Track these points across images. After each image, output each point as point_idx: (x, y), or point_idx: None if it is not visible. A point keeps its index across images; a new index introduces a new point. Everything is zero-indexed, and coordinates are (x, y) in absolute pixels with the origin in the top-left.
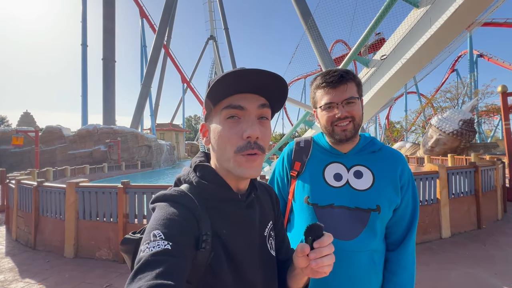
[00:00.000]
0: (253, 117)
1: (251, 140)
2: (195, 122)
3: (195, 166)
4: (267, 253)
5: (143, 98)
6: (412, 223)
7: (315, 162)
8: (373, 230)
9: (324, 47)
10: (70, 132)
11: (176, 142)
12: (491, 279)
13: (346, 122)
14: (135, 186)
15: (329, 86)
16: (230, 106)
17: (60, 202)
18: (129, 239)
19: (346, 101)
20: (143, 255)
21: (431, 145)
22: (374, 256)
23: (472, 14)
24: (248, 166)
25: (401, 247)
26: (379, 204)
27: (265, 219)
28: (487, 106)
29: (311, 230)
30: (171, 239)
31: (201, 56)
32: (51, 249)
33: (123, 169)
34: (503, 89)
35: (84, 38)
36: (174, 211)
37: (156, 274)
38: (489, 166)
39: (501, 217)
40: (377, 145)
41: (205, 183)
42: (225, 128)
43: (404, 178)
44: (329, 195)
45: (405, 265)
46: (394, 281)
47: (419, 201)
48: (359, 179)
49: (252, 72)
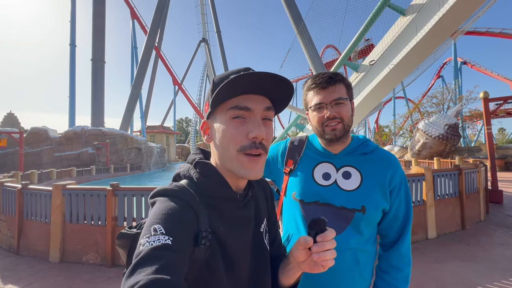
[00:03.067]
0: (259, 118)
1: (257, 141)
2: (186, 125)
3: (195, 163)
4: (263, 249)
5: (134, 100)
6: (406, 225)
7: (306, 160)
8: (357, 229)
9: (315, 51)
10: (57, 134)
11: (167, 145)
12: (475, 278)
13: (335, 122)
14: (124, 188)
15: (318, 87)
16: (237, 107)
17: (45, 205)
18: (125, 234)
19: (335, 102)
20: (143, 249)
21: (418, 149)
22: (359, 255)
23: (455, 23)
24: (252, 167)
25: (394, 248)
26: (364, 205)
27: (261, 215)
28: (471, 112)
29: (315, 224)
30: (171, 234)
31: (193, 59)
32: (35, 254)
33: (112, 172)
34: (485, 95)
35: (72, 38)
36: (175, 206)
37: (156, 268)
38: (472, 169)
39: (484, 218)
40: (370, 146)
41: (205, 180)
42: (230, 127)
43: (395, 181)
44: (316, 192)
45: (398, 265)
46: (386, 279)
47: (412, 203)
48: (347, 179)
49: (261, 75)
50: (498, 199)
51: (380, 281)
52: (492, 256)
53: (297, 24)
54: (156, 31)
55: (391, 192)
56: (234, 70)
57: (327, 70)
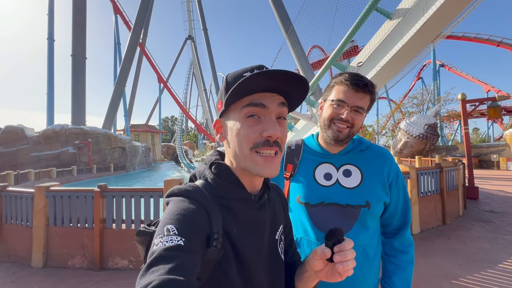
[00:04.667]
0: (273, 117)
1: (271, 139)
2: (172, 124)
3: (210, 163)
4: (277, 257)
5: (117, 98)
6: (406, 213)
7: (306, 163)
8: (364, 224)
9: (302, 51)
10: (34, 133)
11: (152, 144)
12: (456, 270)
13: (344, 125)
14: (113, 189)
15: (351, 86)
16: (251, 104)
17: (27, 208)
18: (144, 231)
19: (356, 108)
20: (156, 249)
21: (400, 148)
22: (368, 250)
23: (438, 28)
24: (267, 166)
25: (398, 235)
26: (368, 201)
27: (277, 222)
28: (448, 112)
29: (333, 234)
30: (184, 235)
31: (178, 56)
32: (16, 259)
33: (95, 172)
34: (462, 96)
35: (50, 32)
36: (188, 206)
37: (169, 269)
38: (452, 167)
39: (462, 214)
40: (364, 144)
41: (220, 180)
42: (244, 126)
43: (392, 174)
44: (320, 194)
45: (404, 249)
46: (394, 262)
47: (408, 193)
48: (348, 177)
49: (276, 73)
50: (475, 195)
51: (389, 264)
52: (471, 249)
53: (284, 23)
54: (141, 27)
55: (390, 185)
56: (248, 68)
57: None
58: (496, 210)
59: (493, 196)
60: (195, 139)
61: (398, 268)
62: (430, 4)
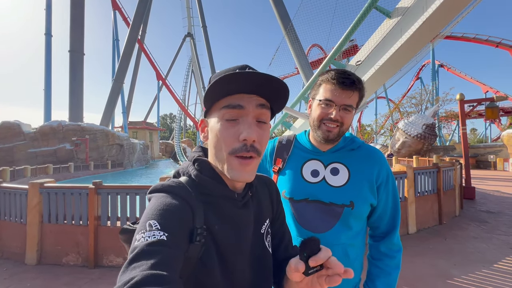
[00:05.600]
0: (251, 119)
1: (247, 143)
2: (171, 121)
3: (193, 159)
4: (264, 252)
5: (115, 94)
6: (395, 217)
7: (294, 159)
8: (346, 224)
9: (301, 50)
10: (31, 129)
11: (150, 141)
12: (451, 269)
13: (334, 125)
14: (108, 187)
15: (338, 85)
16: (229, 106)
17: (21, 204)
18: (127, 229)
19: (345, 106)
20: (138, 244)
21: (398, 147)
22: (348, 250)
23: (437, 27)
24: (242, 170)
25: (386, 238)
26: (352, 201)
27: (262, 216)
28: (446, 112)
29: (307, 245)
30: (166, 230)
31: (177, 53)
32: (9, 256)
33: (92, 169)
34: (461, 97)
35: (48, 27)
36: (171, 202)
37: (151, 264)
38: (449, 167)
39: (459, 214)
40: (356, 143)
41: (203, 177)
42: (222, 129)
43: (382, 176)
44: (305, 190)
45: (390, 254)
46: (379, 266)
47: (399, 195)
48: (335, 175)
49: (251, 75)
50: (471, 195)
51: (374, 268)
52: (466, 248)
53: (284, 22)
54: (139, 23)
55: (378, 187)
56: (231, 68)
57: (313, 69)
58: (492, 210)
59: (490, 197)
60: (194, 137)
61: (383, 272)
62: (430, 3)
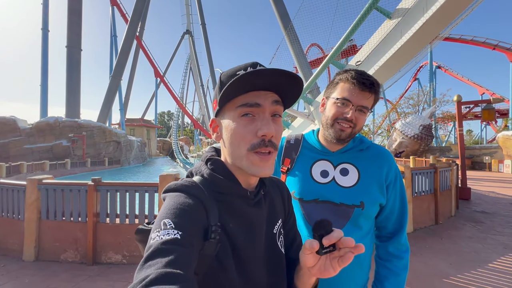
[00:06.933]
0: (268, 115)
1: (266, 138)
2: (168, 119)
3: (206, 159)
4: (277, 251)
5: (113, 91)
6: (403, 217)
7: (303, 159)
8: (356, 224)
9: (300, 49)
10: (27, 125)
11: (148, 139)
12: (447, 269)
13: (348, 125)
14: (107, 183)
15: (358, 85)
16: (246, 105)
17: (18, 200)
18: (142, 229)
19: (361, 107)
20: (153, 243)
21: (395, 148)
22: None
23: (437, 29)
24: (262, 165)
25: (393, 239)
26: (363, 201)
27: (275, 216)
28: (443, 113)
29: (320, 225)
30: (181, 228)
31: (176, 50)
32: (7, 253)
33: (88, 166)
34: (458, 98)
35: (45, 22)
36: (185, 201)
37: (166, 262)
38: (446, 167)
39: (454, 214)
40: (365, 143)
41: (216, 176)
42: (239, 126)
43: (391, 176)
44: (314, 190)
45: (398, 254)
46: (387, 266)
47: (406, 196)
48: (345, 176)
49: (269, 72)
50: (467, 196)
51: (382, 269)
52: (462, 248)
53: (283, 21)
54: (138, 19)
55: (387, 186)
56: (241, 66)
57: (312, 68)
58: (487, 211)
59: (485, 197)
60: (191, 135)
61: (391, 273)
62: (430, 5)
